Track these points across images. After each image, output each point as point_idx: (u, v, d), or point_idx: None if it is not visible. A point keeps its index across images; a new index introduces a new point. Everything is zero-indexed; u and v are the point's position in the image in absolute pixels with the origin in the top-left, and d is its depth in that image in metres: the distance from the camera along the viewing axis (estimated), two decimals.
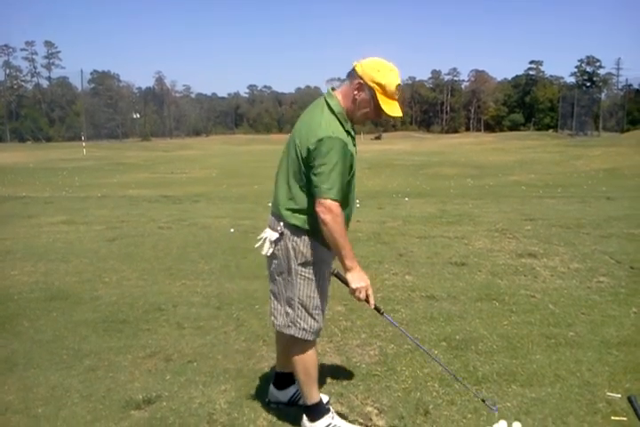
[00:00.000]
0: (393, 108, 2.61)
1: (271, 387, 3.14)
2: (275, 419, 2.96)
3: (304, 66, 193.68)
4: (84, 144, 52.26)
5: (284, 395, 3.12)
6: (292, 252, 2.66)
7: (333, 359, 3.74)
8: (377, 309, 2.81)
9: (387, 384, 3.34)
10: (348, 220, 2.79)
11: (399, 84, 2.61)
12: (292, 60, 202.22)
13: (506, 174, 22.61)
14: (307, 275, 2.68)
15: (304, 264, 2.67)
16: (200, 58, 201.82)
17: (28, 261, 6.75)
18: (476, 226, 8.84)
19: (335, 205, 2.51)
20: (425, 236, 8.01)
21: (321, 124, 2.54)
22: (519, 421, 2.85)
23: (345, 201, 2.66)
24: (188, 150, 53.18)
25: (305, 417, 2.81)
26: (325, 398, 3.02)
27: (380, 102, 2.58)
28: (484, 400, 2.83)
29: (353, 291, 2.66)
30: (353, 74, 2.62)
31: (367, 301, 2.70)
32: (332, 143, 2.48)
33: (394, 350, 3.87)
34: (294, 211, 2.64)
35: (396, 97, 2.61)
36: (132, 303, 4.99)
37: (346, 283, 2.68)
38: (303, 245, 2.65)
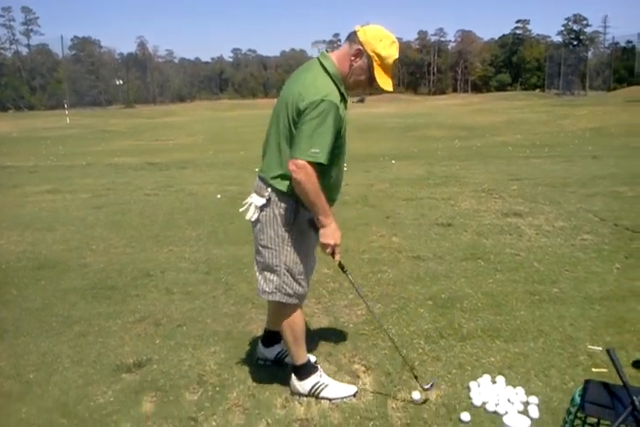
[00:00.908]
0: (386, 82, 2.57)
1: (259, 344, 3.19)
2: (264, 379, 3.01)
3: (289, 28, 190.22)
4: (67, 112, 51.46)
5: (271, 352, 3.18)
6: (278, 218, 2.62)
7: (322, 320, 3.79)
8: (340, 266, 2.84)
9: (373, 343, 3.40)
10: (339, 183, 2.78)
11: (396, 59, 2.58)
12: (276, 22, 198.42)
13: (493, 135, 22.56)
14: (293, 241, 2.66)
15: (290, 231, 2.65)
16: (182, 21, 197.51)
17: (14, 231, 6.73)
18: (463, 187, 8.87)
19: (308, 165, 2.42)
20: (412, 198, 8.04)
21: (316, 85, 2.47)
22: (502, 375, 2.92)
23: (335, 165, 2.64)
24: (172, 117, 52.48)
25: (293, 376, 2.86)
26: (313, 359, 3.08)
27: (376, 73, 2.54)
28: (416, 377, 2.83)
29: (321, 246, 2.66)
30: (354, 39, 2.54)
31: (332, 256, 2.71)
32: (325, 106, 2.41)
33: (380, 309, 3.91)
34: (283, 177, 2.57)
35: (391, 71, 2.58)
36: (121, 270, 5.01)
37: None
38: (290, 211, 2.62)
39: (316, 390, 2.81)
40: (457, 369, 3.06)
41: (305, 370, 2.85)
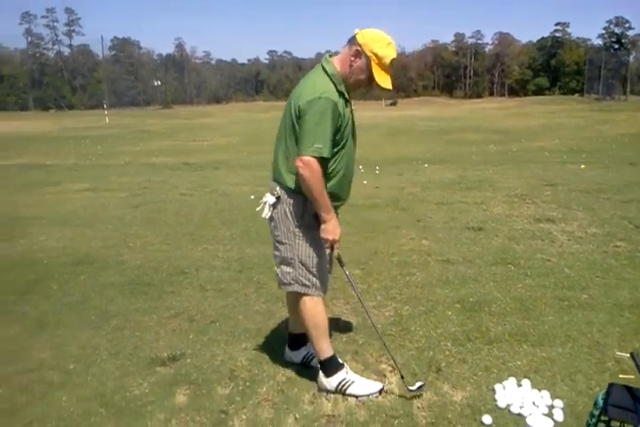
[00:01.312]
0: (384, 80, 2.71)
1: (286, 348, 3.27)
2: (293, 375, 3.10)
3: (324, 30, 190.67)
4: (106, 112, 52.50)
5: (297, 355, 3.25)
6: (289, 215, 2.76)
7: (350, 320, 3.86)
8: (339, 260, 2.97)
9: (401, 343, 3.45)
10: (348, 183, 2.88)
11: (394, 59, 2.70)
12: (312, 24, 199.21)
13: (529, 140, 22.31)
14: (304, 236, 2.78)
15: (301, 226, 2.77)
16: (219, 23, 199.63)
17: (54, 227, 6.96)
18: (496, 192, 8.85)
19: (314, 161, 2.56)
20: (443, 202, 8.05)
21: (314, 86, 2.63)
22: (528, 378, 2.95)
23: (343, 164, 2.76)
24: (208, 118, 53.16)
25: (321, 373, 2.93)
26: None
27: (374, 72, 2.68)
28: (402, 377, 2.91)
29: (331, 238, 2.77)
30: (353, 41, 2.70)
31: (331, 250, 2.87)
32: (322, 103, 2.55)
33: (408, 311, 3.97)
34: (291, 174, 2.70)
35: (390, 70, 2.71)
36: (157, 267, 5.16)
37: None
38: (299, 207, 2.74)
39: (343, 386, 2.88)
40: (483, 372, 3.10)
41: (331, 366, 2.92)
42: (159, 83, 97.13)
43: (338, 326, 3.73)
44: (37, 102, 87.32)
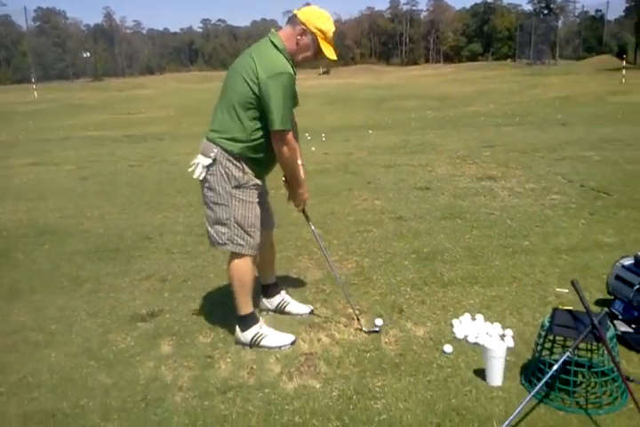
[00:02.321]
0: (331, 52, 2.96)
1: (261, 297, 3.50)
2: (269, 323, 3.32)
3: None
4: (34, 86, 50.35)
5: (272, 303, 3.49)
6: (225, 176, 2.90)
7: (315, 273, 4.12)
8: (306, 216, 3.38)
9: (364, 291, 3.74)
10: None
11: (335, 31, 2.96)
12: None
13: (465, 105, 22.93)
14: (240, 196, 2.93)
15: (237, 187, 2.92)
16: None
17: (6, 201, 6.92)
18: (438, 154, 9.23)
19: (291, 136, 2.86)
20: (390, 165, 8.37)
21: (273, 60, 2.79)
22: (481, 313, 3.29)
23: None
24: (142, 89, 51.73)
25: (237, 327, 3.12)
26: (308, 309, 3.45)
27: (322, 46, 2.91)
28: (358, 319, 3.26)
29: (303, 198, 3.25)
30: (295, 20, 2.90)
31: (304, 209, 3.33)
32: (284, 78, 2.74)
33: (368, 263, 4.27)
34: (232, 139, 2.86)
35: (332, 42, 2.96)
36: (120, 234, 5.27)
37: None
38: (236, 169, 2.89)
39: (257, 339, 3.07)
40: (440, 310, 3.42)
41: (247, 322, 3.10)
42: (88, 54, 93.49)
43: (305, 278, 4.00)
44: None
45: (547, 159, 8.31)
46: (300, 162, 3.14)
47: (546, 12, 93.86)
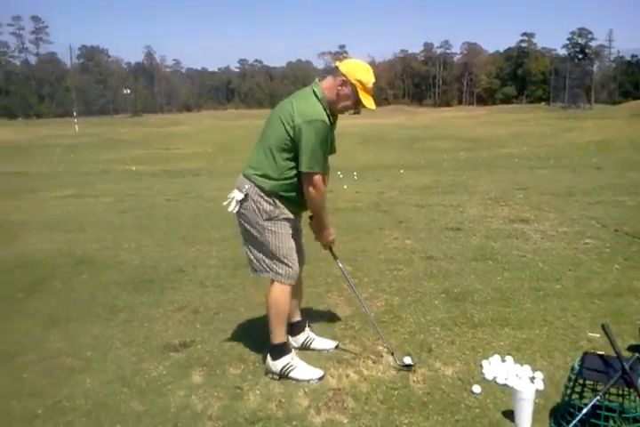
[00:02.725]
0: (370, 102, 3.09)
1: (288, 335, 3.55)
2: (299, 357, 3.37)
3: (295, 39, 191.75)
4: (75, 120, 52.08)
5: (297, 341, 3.54)
6: (256, 210, 3.07)
7: (344, 310, 4.15)
8: (333, 255, 3.47)
9: (394, 329, 3.76)
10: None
11: (375, 82, 3.10)
12: (282, 33, 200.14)
13: (499, 147, 23.02)
14: (272, 228, 3.08)
15: (269, 219, 3.07)
16: (189, 32, 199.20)
17: (45, 231, 7.14)
18: (471, 195, 9.25)
19: (318, 179, 3.01)
20: (422, 204, 8.42)
21: (312, 108, 2.96)
22: (511, 355, 3.28)
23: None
24: (180, 126, 53.06)
25: (269, 355, 3.20)
26: (334, 344, 3.50)
27: (361, 97, 3.05)
28: (393, 353, 3.30)
29: (330, 239, 3.36)
30: (336, 72, 3.05)
31: (331, 247, 3.43)
32: (319, 125, 2.92)
33: (398, 301, 4.29)
34: (264, 176, 3.03)
35: (372, 92, 3.10)
36: (155, 266, 5.40)
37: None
38: (267, 204, 3.05)
39: (287, 370, 3.14)
40: (470, 351, 3.42)
41: (280, 351, 3.19)
42: (129, 91, 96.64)
43: (335, 314, 4.03)
44: (4, 111, 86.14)
45: (580, 203, 8.27)
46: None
47: (580, 56, 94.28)
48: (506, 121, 41.73)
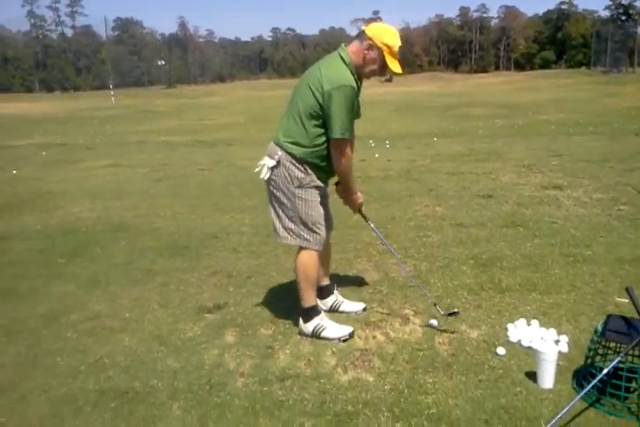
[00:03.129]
0: (396, 66, 3.08)
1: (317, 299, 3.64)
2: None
3: (327, 7, 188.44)
4: (112, 93, 52.61)
5: (325, 304, 3.63)
6: (288, 177, 3.11)
7: (373, 275, 4.24)
8: (364, 217, 3.51)
9: (421, 293, 3.82)
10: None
11: (401, 46, 3.08)
12: (314, 0, 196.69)
13: (536, 113, 22.52)
14: (303, 196, 3.14)
15: (300, 187, 3.12)
16: (223, 1, 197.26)
17: (85, 200, 7.36)
18: (504, 162, 9.16)
19: (347, 145, 3.06)
20: (453, 172, 8.38)
21: (339, 73, 2.97)
22: (537, 319, 3.32)
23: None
24: (213, 97, 53.20)
25: (301, 319, 3.31)
26: (362, 306, 3.59)
27: (387, 61, 3.05)
28: (435, 304, 3.40)
29: (359, 203, 3.41)
30: (362, 36, 3.05)
31: (360, 210, 3.48)
32: (347, 90, 2.93)
33: (426, 266, 4.35)
34: (296, 143, 3.06)
35: (398, 56, 3.08)
36: (189, 233, 5.55)
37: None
38: (299, 171, 3.10)
39: (318, 330, 3.24)
40: (496, 315, 3.47)
41: (310, 314, 3.29)
42: (163, 62, 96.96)
43: (363, 279, 4.12)
44: (42, 84, 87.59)
45: (616, 170, 8.12)
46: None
47: (624, 18, 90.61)
48: (544, 87, 40.73)
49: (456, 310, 3.36)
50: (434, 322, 3.34)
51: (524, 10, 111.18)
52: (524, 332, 3.17)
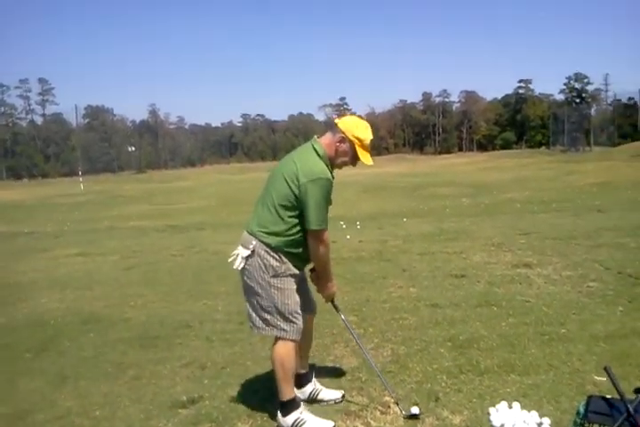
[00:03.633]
0: (368, 158, 3.21)
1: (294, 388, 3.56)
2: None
3: (295, 92, 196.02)
4: (80, 179, 52.82)
5: (304, 393, 3.54)
6: (262, 267, 3.11)
7: (351, 361, 4.17)
8: (335, 307, 3.52)
9: (401, 378, 3.77)
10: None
11: (372, 139, 3.24)
12: (283, 87, 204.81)
13: (500, 192, 23.20)
14: (279, 285, 3.13)
15: (275, 276, 3.12)
16: (192, 89, 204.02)
17: (54, 290, 7.21)
18: (473, 241, 9.31)
19: (326, 235, 3.11)
20: (425, 252, 8.47)
21: (314, 165, 3.05)
22: (518, 402, 3.28)
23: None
24: (184, 181, 53.68)
25: (279, 412, 3.22)
26: (340, 393, 3.51)
27: (359, 153, 3.19)
28: (397, 403, 3.33)
29: (332, 291, 3.42)
30: (335, 129, 3.17)
31: (332, 299, 3.48)
32: (323, 183, 3.01)
33: (404, 350, 4.31)
34: (270, 233, 3.09)
35: (369, 149, 3.23)
36: (161, 322, 5.44)
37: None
38: (274, 260, 3.10)
39: (297, 424, 3.15)
40: (477, 399, 3.42)
41: (289, 407, 3.21)
42: (133, 148, 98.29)
43: (341, 366, 4.05)
44: (10, 171, 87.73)
45: (583, 246, 8.31)
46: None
47: (578, 100, 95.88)
48: (507, 166, 42.18)
49: (418, 412, 3.22)
50: (415, 409, 3.27)
51: (483, 94, 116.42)
52: (506, 416, 3.12)
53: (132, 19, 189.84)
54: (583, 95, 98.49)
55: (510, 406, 3.21)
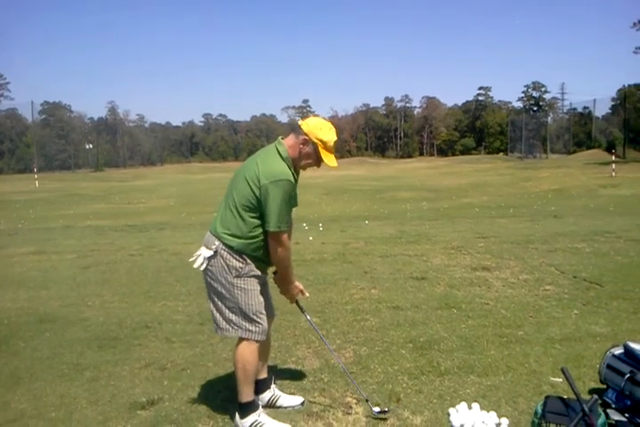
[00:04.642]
0: (332, 160, 3.22)
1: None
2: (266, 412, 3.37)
3: (258, 94, 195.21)
4: (35, 176, 51.47)
5: (262, 399, 3.50)
6: (226, 267, 3.10)
7: (313, 362, 4.17)
8: (300, 307, 3.53)
9: (362, 380, 3.79)
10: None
11: (336, 140, 3.23)
12: (246, 88, 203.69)
13: (460, 197, 23.51)
14: (242, 285, 3.12)
15: (238, 276, 3.11)
16: (154, 87, 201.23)
17: (7, 289, 7.00)
18: (434, 244, 9.43)
19: (285, 237, 3.10)
20: (386, 255, 8.54)
21: (276, 168, 3.03)
22: (477, 402, 3.33)
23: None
24: (143, 180, 52.90)
25: (237, 413, 3.21)
26: (300, 400, 3.48)
27: (322, 155, 3.18)
28: (367, 400, 3.35)
29: (295, 293, 3.41)
30: (299, 130, 3.16)
31: (297, 300, 3.48)
32: (284, 185, 2.99)
33: (366, 352, 4.33)
34: (233, 235, 3.08)
35: (333, 150, 3.22)
36: (120, 323, 5.34)
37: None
38: (237, 261, 3.10)
39: None
40: (437, 399, 3.47)
41: (247, 409, 3.20)
42: (91, 146, 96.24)
43: (303, 367, 4.05)
44: None
45: (540, 251, 8.50)
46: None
47: (535, 108, 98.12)
48: (466, 171, 42.78)
49: (386, 409, 3.30)
50: (377, 409, 3.29)
51: (444, 100, 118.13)
52: (465, 416, 3.17)
53: (92, 15, 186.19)
54: (540, 103, 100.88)
55: (470, 407, 3.27)
